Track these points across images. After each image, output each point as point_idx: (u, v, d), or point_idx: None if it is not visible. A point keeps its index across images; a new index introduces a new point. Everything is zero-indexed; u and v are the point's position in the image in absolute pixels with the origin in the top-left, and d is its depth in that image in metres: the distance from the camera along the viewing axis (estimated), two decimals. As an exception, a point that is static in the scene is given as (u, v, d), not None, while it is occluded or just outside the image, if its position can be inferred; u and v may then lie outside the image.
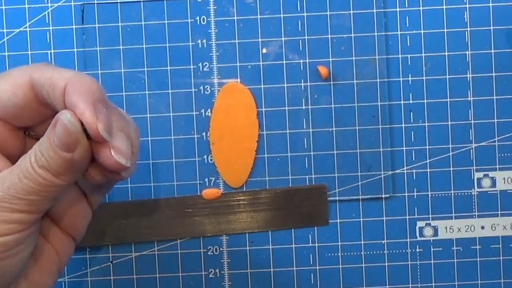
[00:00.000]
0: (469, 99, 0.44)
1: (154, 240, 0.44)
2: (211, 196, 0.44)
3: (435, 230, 0.44)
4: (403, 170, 0.44)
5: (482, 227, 0.44)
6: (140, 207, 0.43)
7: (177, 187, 0.44)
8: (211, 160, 0.44)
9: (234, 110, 0.43)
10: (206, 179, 0.44)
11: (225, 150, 0.43)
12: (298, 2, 0.43)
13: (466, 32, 0.44)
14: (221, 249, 0.44)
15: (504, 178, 0.44)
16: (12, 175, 0.31)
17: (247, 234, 0.44)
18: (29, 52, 0.43)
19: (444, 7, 0.44)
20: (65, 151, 0.30)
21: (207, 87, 0.44)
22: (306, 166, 0.44)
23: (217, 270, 0.44)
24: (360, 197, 0.44)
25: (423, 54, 0.44)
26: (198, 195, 0.44)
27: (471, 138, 0.44)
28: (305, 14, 0.43)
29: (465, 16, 0.44)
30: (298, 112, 0.44)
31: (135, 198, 0.44)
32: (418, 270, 0.44)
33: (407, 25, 0.44)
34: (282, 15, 0.43)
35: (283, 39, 0.44)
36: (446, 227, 0.44)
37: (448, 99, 0.44)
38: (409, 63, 0.44)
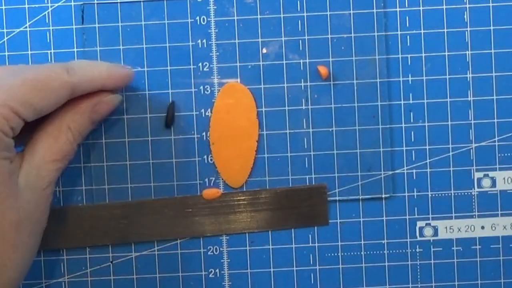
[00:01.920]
0: (469, 99, 0.44)
1: (154, 240, 0.44)
2: (211, 196, 0.44)
3: (435, 230, 0.44)
4: (403, 170, 0.44)
5: (482, 227, 0.44)
6: (140, 207, 0.43)
7: (177, 187, 0.44)
8: (211, 160, 0.44)
9: (234, 110, 0.43)
10: (206, 179, 0.44)
11: (225, 150, 0.43)
12: (298, 2, 0.43)
13: (466, 32, 0.44)
14: (221, 249, 0.44)
15: (504, 178, 0.44)
16: None
17: (247, 234, 0.44)
18: (29, 52, 0.43)
19: (444, 7, 0.44)
20: None
21: (207, 87, 0.44)
22: (306, 166, 0.44)
23: (217, 270, 0.44)
24: (360, 197, 0.44)
25: (423, 54, 0.44)
26: (198, 195, 0.44)
27: (471, 138, 0.44)
28: (305, 14, 0.43)
29: (465, 16, 0.44)
30: (298, 112, 0.44)
31: (135, 198, 0.44)
32: (418, 270, 0.44)
33: (407, 25, 0.44)
34: (282, 15, 0.43)
35: (283, 39, 0.44)
36: (446, 227, 0.44)
37: (448, 99, 0.44)
38: (409, 63, 0.44)
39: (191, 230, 0.44)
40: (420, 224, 0.44)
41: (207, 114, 0.44)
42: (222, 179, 0.44)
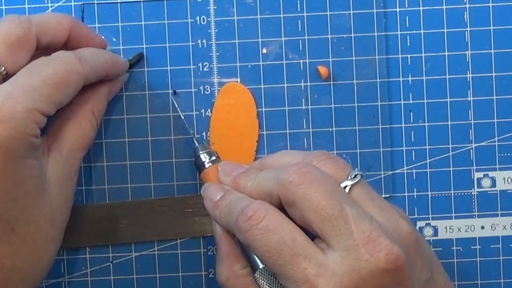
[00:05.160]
0: (469, 99, 0.44)
1: (154, 240, 0.44)
2: (211, 196, 0.44)
3: (435, 230, 0.44)
4: (403, 170, 0.44)
5: (482, 227, 0.44)
6: (140, 207, 0.43)
7: (177, 187, 0.44)
8: (211, 160, 0.44)
9: (234, 110, 0.43)
10: (206, 179, 0.44)
11: (225, 150, 0.43)
12: (298, 2, 0.43)
13: (466, 32, 0.44)
14: (221, 249, 0.44)
15: (504, 178, 0.44)
16: None
17: (247, 234, 0.44)
18: (29, 52, 0.43)
19: (444, 7, 0.44)
20: None
21: (207, 87, 0.44)
22: (306, 166, 0.44)
23: (217, 270, 0.44)
24: (360, 197, 0.44)
25: (423, 54, 0.44)
26: (198, 195, 0.43)
27: (471, 138, 0.44)
28: (305, 14, 0.43)
29: (465, 16, 0.44)
30: (298, 112, 0.44)
31: (135, 198, 0.44)
32: (418, 270, 0.44)
33: (407, 25, 0.44)
34: (282, 15, 0.43)
35: (283, 39, 0.44)
36: (446, 227, 0.44)
37: (448, 99, 0.44)
38: (409, 63, 0.44)
39: (191, 230, 0.44)
40: (420, 224, 0.44)
41: (207, 114, 0.44)
42: (222, 179, 0.44)
